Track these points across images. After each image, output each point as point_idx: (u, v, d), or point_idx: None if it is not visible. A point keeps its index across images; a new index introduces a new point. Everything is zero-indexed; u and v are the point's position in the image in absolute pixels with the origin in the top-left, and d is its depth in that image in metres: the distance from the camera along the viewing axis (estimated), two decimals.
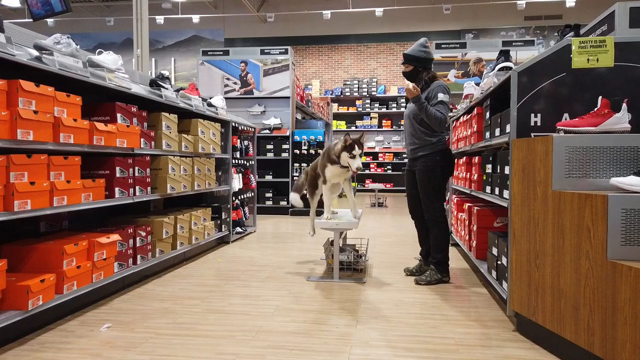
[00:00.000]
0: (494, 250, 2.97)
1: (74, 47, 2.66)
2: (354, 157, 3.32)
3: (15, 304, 2.25)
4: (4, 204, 2.17)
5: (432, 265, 3.47)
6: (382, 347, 2.30)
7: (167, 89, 3.79)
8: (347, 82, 14.12)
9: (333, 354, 2.22)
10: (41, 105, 2.38)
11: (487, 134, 3.21)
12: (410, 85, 3.32)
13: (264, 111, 8.22)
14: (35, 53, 2.45)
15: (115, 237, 2.95)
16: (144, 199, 3.39)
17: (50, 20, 13.65)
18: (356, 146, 3.31)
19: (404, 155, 13.39)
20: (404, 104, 13.57)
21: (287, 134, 7.94)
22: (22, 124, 2.23)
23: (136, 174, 3.28)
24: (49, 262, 2.51)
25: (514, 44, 7.71)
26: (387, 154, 13.51)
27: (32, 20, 4.74)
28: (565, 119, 2.46)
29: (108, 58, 2.99)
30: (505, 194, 2.68)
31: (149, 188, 3.45)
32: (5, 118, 2.15)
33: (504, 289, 2.73)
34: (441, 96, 3.32)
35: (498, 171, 2.94)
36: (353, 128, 13.42)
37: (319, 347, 2.30)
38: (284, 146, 7.91)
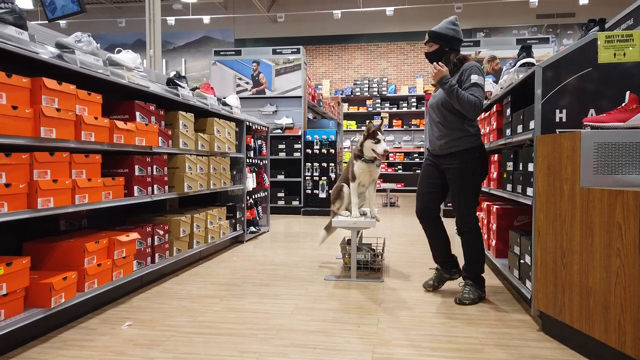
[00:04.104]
0: (516, 249, 2.92)
1: (95, 45, 2.66)
2: (378, 141, 3.31)
3: (38, 301, 2.25)
4: (28, 201, 2.17)
5: (470, 280, 3.00)
6: (405, 346, 2.28)
7: (183, 87, 3.79)
8: (358, 82, 14.09)
9: (357, 352, 2.19)
10: (63, 103, 2.38)
11: (508, 131, 3.16)
12: (437, 63, 2.86)
13: (276, 111, 8.21)
14: (57, 51, 2.46)
15: (134, 235, 2.95)
16: (162, 198, 3.39)
17: (62, 22, 13.77)
18: (379, 132, 3.32)
19: (415, 155, 13.32)
20: (414, 104, 13.50)
21: (299, 133, 7.93)
22: (45, 122, 2.23)
23: (154, 173, 3.28)
24: (70, 260, 2.51)
25: (528, 41, 7.62)
26: (397, 153, 13.45)
27: (47, 21, 4.79)
28: (592, 115, 2.42)
29: (127, 57, 2.99)
30: (529, 191, 2.64)
31: (166, 187, 3.45)
32: (29, 116, 2.15)
33: (527, 288, 2.69)
34: (475, 78, 2.81)
35: (520, 169, 2.89)
36: (363, 128, 13.36)
37: (342, 345, 2.27)
38: (296, 146, 7.90)
